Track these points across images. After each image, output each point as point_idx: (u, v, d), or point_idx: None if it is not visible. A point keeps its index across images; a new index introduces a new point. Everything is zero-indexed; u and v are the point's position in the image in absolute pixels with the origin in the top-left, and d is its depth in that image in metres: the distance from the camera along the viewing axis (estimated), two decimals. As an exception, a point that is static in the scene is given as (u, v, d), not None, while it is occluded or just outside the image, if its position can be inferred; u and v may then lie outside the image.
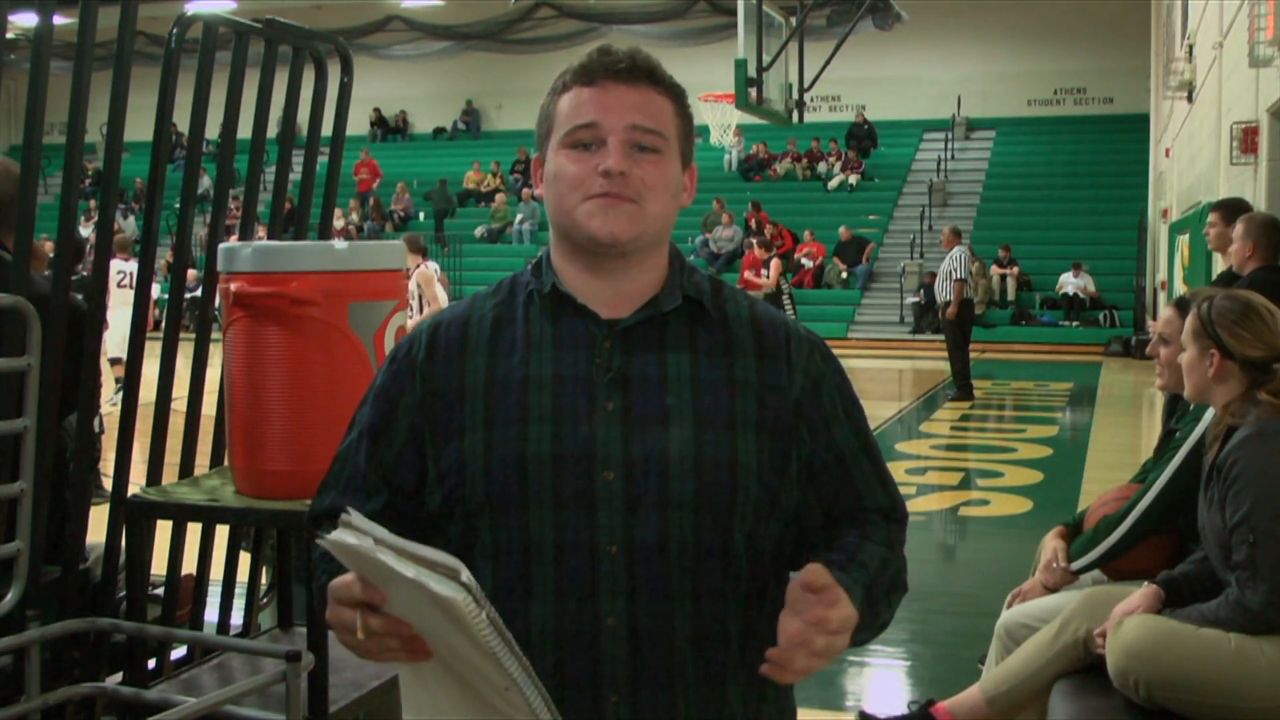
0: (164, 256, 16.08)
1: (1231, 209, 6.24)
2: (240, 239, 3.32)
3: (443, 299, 9.85)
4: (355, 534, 1.36)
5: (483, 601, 1.31)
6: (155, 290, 3.84)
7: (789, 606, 1.40)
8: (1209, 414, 3.20)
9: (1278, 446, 2.94)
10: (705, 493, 1.53)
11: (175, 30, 3.07)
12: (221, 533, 3.46)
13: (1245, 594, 2.86)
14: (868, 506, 1.65)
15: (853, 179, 25.32)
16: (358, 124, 28.46)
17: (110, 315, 7.03)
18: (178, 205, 3.45)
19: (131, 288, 9.77)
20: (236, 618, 3.68)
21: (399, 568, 1.32)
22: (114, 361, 9.47)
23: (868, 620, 1.51)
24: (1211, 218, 6.24)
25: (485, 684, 1.38)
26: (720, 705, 1.56)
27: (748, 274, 15.74)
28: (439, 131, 30.55)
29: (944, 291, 12.80)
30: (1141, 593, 3.13)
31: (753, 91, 11.80)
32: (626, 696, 1.52)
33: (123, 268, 11.35)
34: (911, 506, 1.72)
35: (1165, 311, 3.65)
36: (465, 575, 1.31)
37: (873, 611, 1.54)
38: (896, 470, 9.15)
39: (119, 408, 3.15)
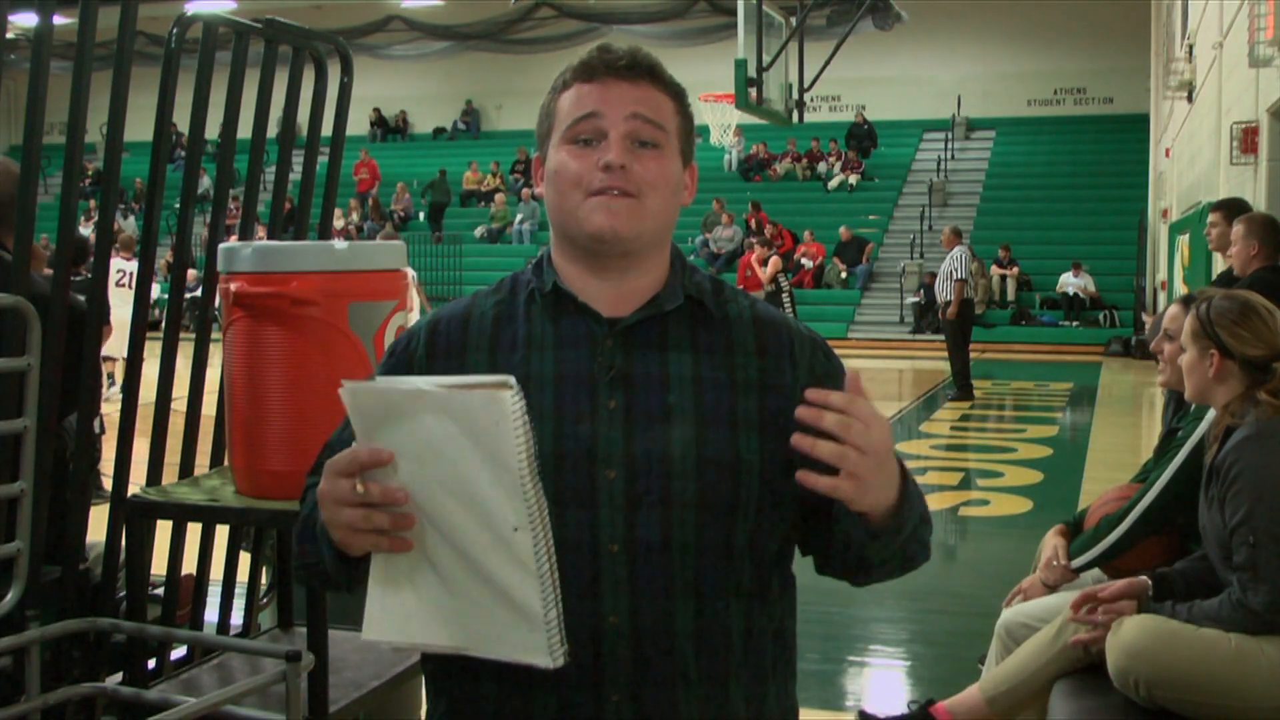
0: (164, 256, 16.10)
1: (1233, 209, 6.24)
2: (240, 239, 3.32)
3: (417, 307, 9.82)
4: (384, 381, 1.37)
5: (524, 410, 1.31)
6: (155, 290, 3.84)
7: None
8: (1210, 414, 3.20)
9: (1277, 447, 2.94)
10: (707, 491, 1.53)
11: (175, 30, 3.07)
12: (221, 533, 3.45)
13: (1247, 595, 2.86)
14: None
15: (853, 179, 25.32)
16: (358, 124, 28.47)
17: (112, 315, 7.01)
18: (178, 205, 3.45)
19: (130, 287, 9.77)
20: (236, 618, 3.68)
21: (426, 385, 1.32)
22: (105, 359, 9.47)
23: (915, 519, 1.50)
24: (1213, 218, 6.24)
25: (489, 540, 1.35)
26: (722, 704, 1.56)
27: (748, 271, 15.67)
28: (439, 131, 30.56)
29: (944, 291, 12.80)
30: (1128, 580, 3.13)
31: (753, 91, 11.81)
32: (628, 695, 1.52)
33: (122, 266, 11.35)
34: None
35: (1172, 308, 3.65)
36: (512, 380, 1.31)
37: (921, 516, 1.53)
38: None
39: (119, 407, 3.14)
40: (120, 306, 8.47)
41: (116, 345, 3.49)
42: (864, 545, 1.50)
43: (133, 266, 10.23)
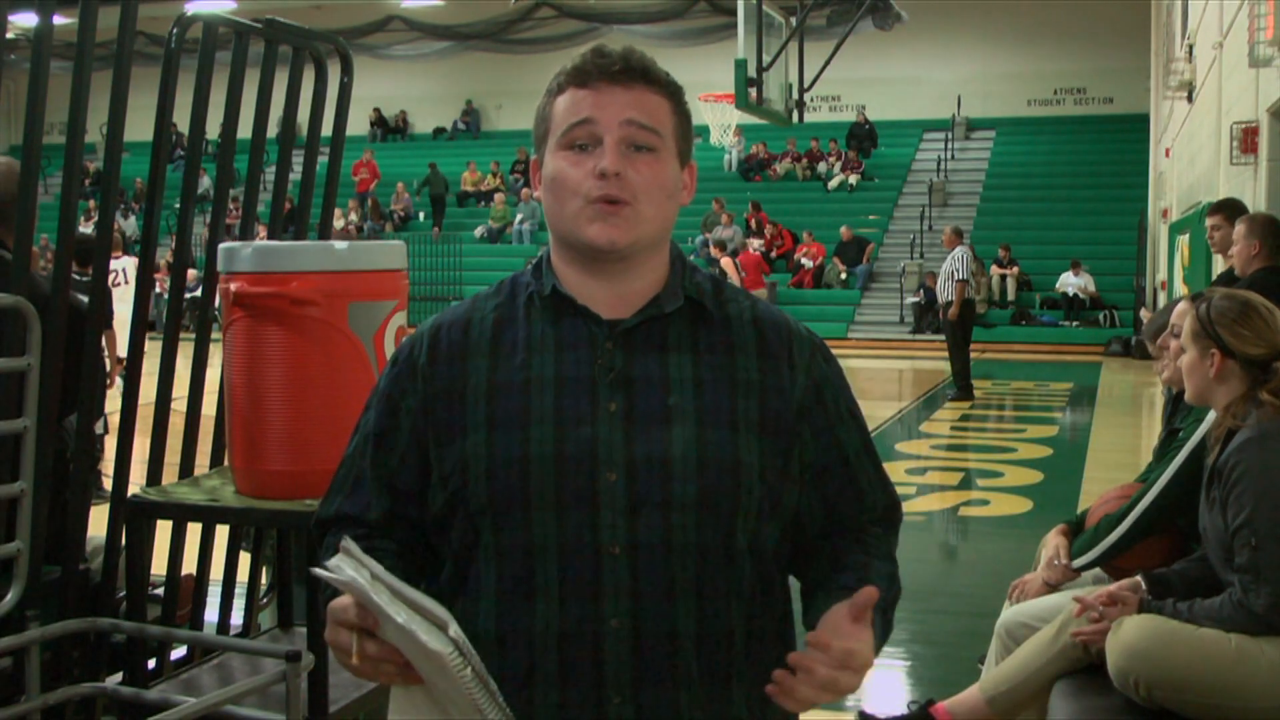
0: (164, 256, 16.10)
1: (1235, 210, 6.24)
2: (240, 239, 3.32)
3: None
4: (353, 564, 1.43)
5: (469, 655, 1.38)
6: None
7: (825, 629, 1.45)
8: (1211, 414, 3.20)
9: (1279, 449, 2.93)
10: (708, 493, 1.53)
11: (175, 30, 3.07)
12: (221, 533, 3.45)
13: (1249, 597, 2.86)
14: (869, 507, 1.65)
15: (853, 179, 25.32)
16: (358, 124, 28.46)
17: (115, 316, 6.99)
18: (178, 205, 3.45)
19: (126, 284, 9.67)
20: (236, 618, 3.68)
21: (390, 611, 1.39)
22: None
23: (878, 642, 1.54)
24: (1214, 220, 6.23)
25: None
26: (724, 705, 1.56)
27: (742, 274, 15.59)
28: (439, 131, 30.55)
29: (946, 292, 12.80)
30: (1119, 584, 3.13)
31: (753, 91, 11.80)
32: (630, 697, 1.52)
33: (113, 265, 11.28)
34: (911, 506, 1.74)
35: (1180, 304, 3.64)
36: (453, 629, 1.38)
37: (884, 634, 1.57)
38: (896, 470, 9.18)
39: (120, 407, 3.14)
40: (118, 305, 8.46)
41: (123, 345, 3.51)
42: None
43: (122, 264, 10.20)
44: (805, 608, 1.61)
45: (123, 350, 3.43)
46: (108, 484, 3.41)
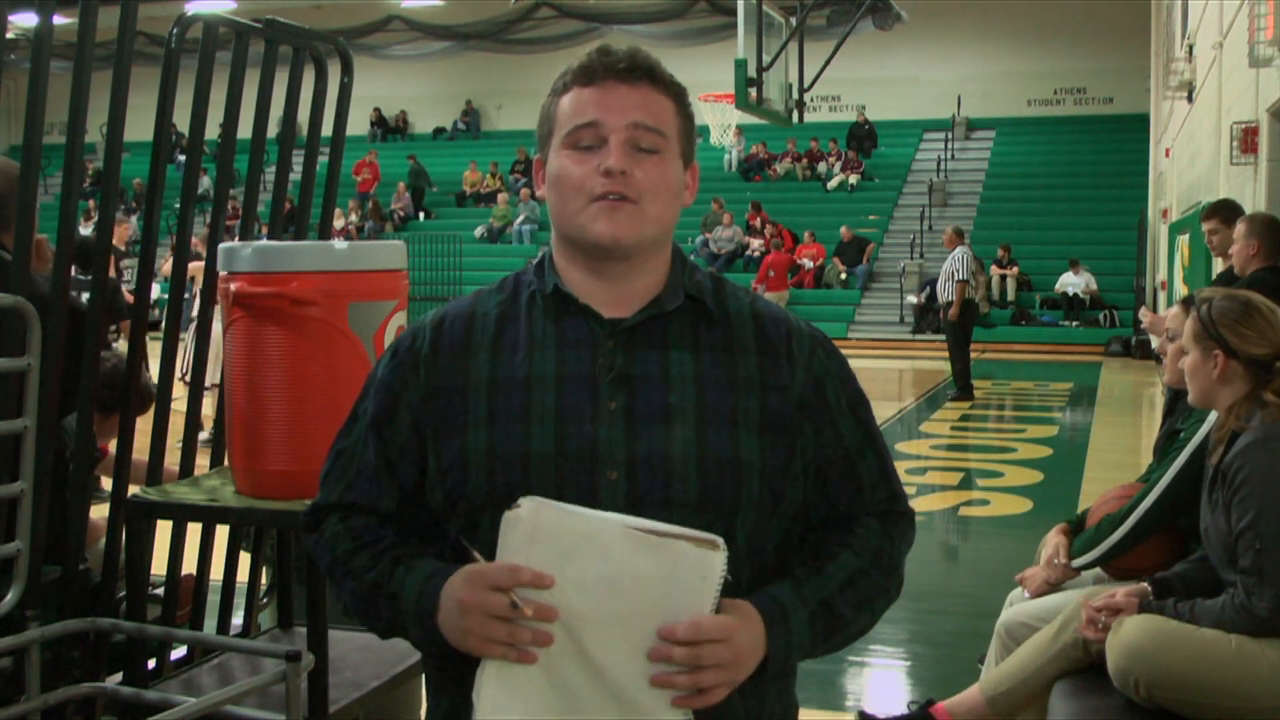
0: (164, 256, 16.08)
1: (1230, 211, 6.24)
2: (240, 239, 3.32)
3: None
4: (553, 504, 1.45)
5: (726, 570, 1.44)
6: (154, 290, 3.84)
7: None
8: (1213, 413, 3.19)
9: (1283, 450, 2.93)
10: (708, 491, 1.53)
11: (175, 30, 3.06)
12: (221, 533, 3.45)
13: (1252, 600, 2.86)
14: (868, 500, 1.65)
15: (853, 179, 25.32)
16: (358, 124, 28.46)
17: None
18: (178, 205, 3.45)
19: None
20: (236, 618, 3.68)
21: (647, 536, 1.42)
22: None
23: (819, 635, 1.56)
24: (1211, 224, 6.24)
25: (639, 669, 1.43)
26: (724, 702, 1.55)
27: (770, 271, 15.35)
28: (439, 131, 30.55)
29: (946, 292, 12.80)
30: (1126, 590, 3.13)
31: (753, 91, 11.80)
32: None
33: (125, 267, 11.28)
34: (912, 506, 1.73)
35: (1173, 309, 3.65)
36: (721, 543, 1.44)
37: (829, 626, 1.57)
38: (897, 470, 9.12)
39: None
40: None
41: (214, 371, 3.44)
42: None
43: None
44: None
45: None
46: (107, 484, 3.40)
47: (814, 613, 1.55)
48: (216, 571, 3.49)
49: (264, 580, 3.76)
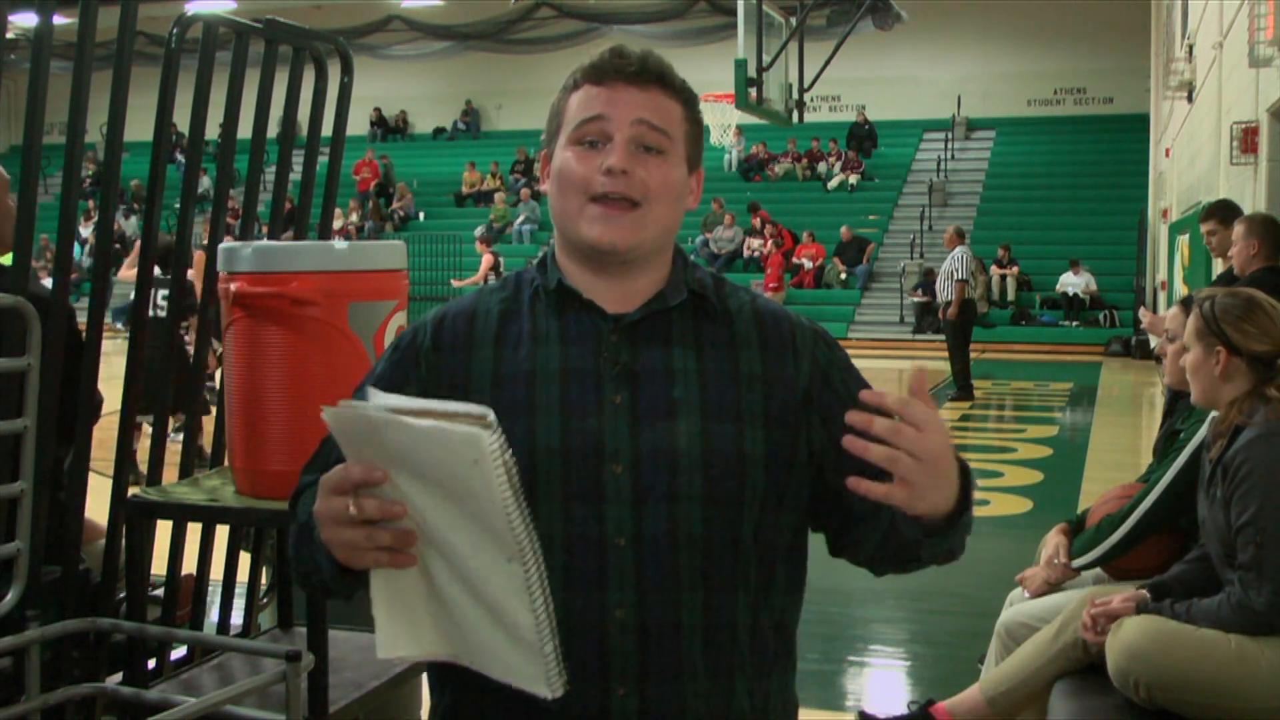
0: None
1: (1228, 212, 6.25)
2: (240, 239, 3.32)
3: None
4: (363, 406, 1.34)
5: (504, 447, 1.28)
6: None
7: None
8: (1213, 413, 3.19)
9: (1285, 447, 2.93)
10: (713, 485, 1.54)
11: (175, 30, 3.06)
12: (221, 533, 3.45)
13: (1250, 595, 2.86)
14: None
15: (853, 179, 25.32)
16: (358, 124, 28.46)
17: None
18: (178, 205, 3.45)
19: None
20: (236, 618, 3.68)
21: (414, 422, 1.28)
22: None
23: (966, 506, 1.45)
24: (1209, 225, 6.24)
25: (483, 566, 1.34)
26: (728, 698, 1.56)
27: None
28: (439, 131, 30.55)
29: (945, 292, 12.81)
30: (1124, 594, 3.13)
31: (753, 91, 11.80)
32: (634, 689, 1.52)
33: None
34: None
35: (1172, 309, 3.65)
36: (491, 416, 1.28)
37: (969, 510, 1.47)
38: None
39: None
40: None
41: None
42: (917, 545, 1.49)
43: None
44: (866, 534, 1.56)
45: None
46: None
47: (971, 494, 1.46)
48: (216, 571, 3.50)
49: (264, 580, 3.76)
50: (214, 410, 3.39)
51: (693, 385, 1.56)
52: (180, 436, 3.35)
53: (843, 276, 22.42)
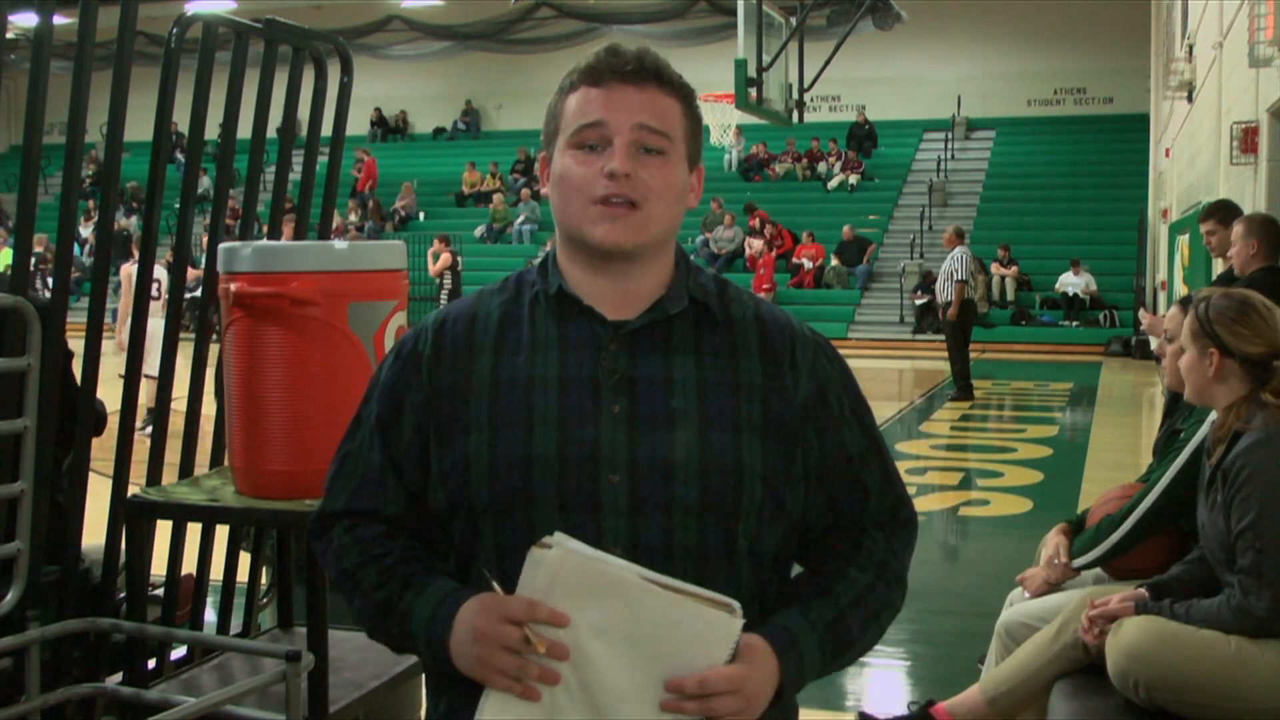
0: (164, 256, 16.09)
1: (1227, 211, 6.25)
2: (240, 239, 3.32)
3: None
4: (581, 549, 1.45)
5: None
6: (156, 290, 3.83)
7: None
8: (1214, 413, 3.19)
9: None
10: (709, 496, 1.53)
11: (175, 30, 3.06)
12: (221, 533, 3.45)
13: (1250, 600, 2.86)
14: (874, 508, 1.65)
15: (853, 179, 25.32)
16: (358, 124, 28.45)
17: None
18: (178, 205, 3.45)
19: (160, 297, 9.30)
20: (236, 618, 3.68)
21: (673, 595, 1.43)
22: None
23: (829, 656, 1.57)
24: (1209, 225, 6.24)
25: (652, 711, 1.45)
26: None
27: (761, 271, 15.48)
28: (439, 131, 30.55)
29: (945, 292, 12.81)
30: (1121, 595, 3.13)
31: (753, 91, 11.80)
32: None
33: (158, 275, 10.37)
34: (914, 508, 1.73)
35: (1171, 309, 3.65)
36: (737, 606, 1.45)
37: (838, 646, 1.59)
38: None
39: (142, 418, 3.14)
40: (151, 319, 8.16)
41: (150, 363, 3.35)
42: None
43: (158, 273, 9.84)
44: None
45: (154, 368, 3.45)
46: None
47: (823, 636, 1.56)
48: (216, 571, 3.49)
49: (264, 580, 3.76)
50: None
51: (691, 395, 1.55)
52: (149, 430, 3.35)
53: (843, 276, 22.40)
